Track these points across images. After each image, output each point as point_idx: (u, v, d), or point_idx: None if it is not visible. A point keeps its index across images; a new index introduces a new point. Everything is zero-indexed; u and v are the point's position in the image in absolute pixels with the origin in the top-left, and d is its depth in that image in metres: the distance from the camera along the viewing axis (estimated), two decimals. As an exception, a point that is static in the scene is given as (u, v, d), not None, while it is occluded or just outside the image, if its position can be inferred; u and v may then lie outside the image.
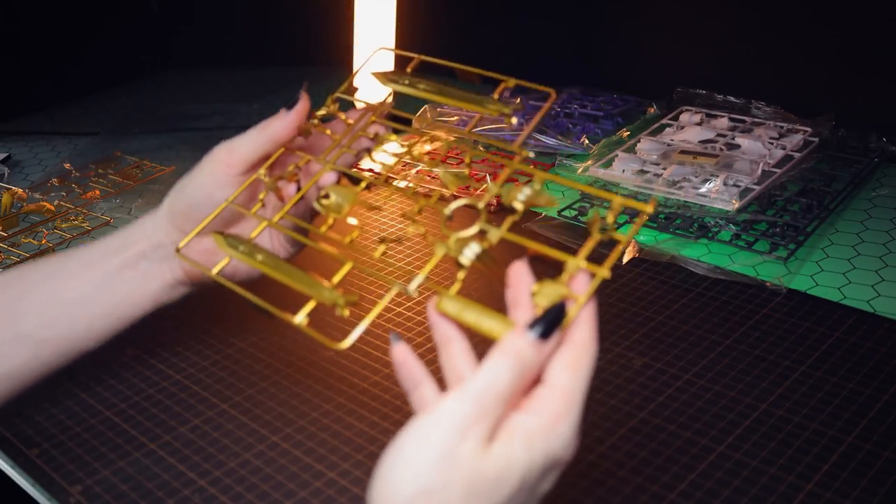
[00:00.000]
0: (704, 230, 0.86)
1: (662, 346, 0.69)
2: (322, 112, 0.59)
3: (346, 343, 0.44)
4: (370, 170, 0.57)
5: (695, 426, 0.60)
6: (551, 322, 0.39)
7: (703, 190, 0.90)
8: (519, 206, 0.44)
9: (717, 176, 0.91)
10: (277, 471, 0.58)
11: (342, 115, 0.59)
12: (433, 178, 0.95)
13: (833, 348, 0.68)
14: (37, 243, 0.89)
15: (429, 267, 0.45)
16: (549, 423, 0.38)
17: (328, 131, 0.59)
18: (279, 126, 0.58)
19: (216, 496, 0.56)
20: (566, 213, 0.91)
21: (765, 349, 0.68)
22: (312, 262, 0.72)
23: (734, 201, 0.87)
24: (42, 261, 0.61)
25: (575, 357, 0.39)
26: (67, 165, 1.09)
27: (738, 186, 0.90)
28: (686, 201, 0.90)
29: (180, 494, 0.56)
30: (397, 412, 0.63)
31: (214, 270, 0.54)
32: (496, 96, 0.50)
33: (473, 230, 0.45)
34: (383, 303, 0.44)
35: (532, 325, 0.39)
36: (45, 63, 1.30)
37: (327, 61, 1.39)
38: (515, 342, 0.39)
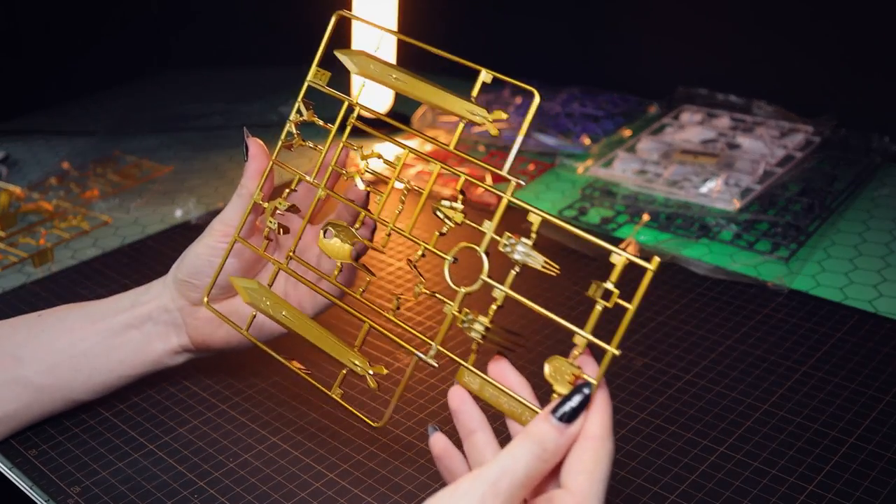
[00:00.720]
0: (705, 230, 0.85)
1: (663, 347, 0.69)
2: (294, 120, 0.58)
3: (382, 422, 0.48)
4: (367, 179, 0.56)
5: (695, 427, 0.60)
6: (575, 407, 0.39)
7: (703, 190, 0.90)
8: (519, 259, 0.44)
9: (718, 175, 0.91)
10: (277, 471, 0.58)
11: (318, 121, 0.58)
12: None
13: (835, 349, 0.68)
14: (35, 243, 0.89)
15: (441, 336, 0.46)
16: None
17: (310, 144, 0.58)
18: (248, 182, 0.59)
19: (216, 496, 0.56)
20: (567, 213, 0.91)
21: (766, 350, 0.68)
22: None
23: (735, 201, 0.87)
24: (50, 310, 0.62)
25: (591, 458, 0.39)
26: (66, 165, 1.09)
27: (740, 186, 0.90)
28: (687, 201, 0.89)
29: (179, 495, 0.56)
30: (397, 412, 0.62)
31: (245, 327, 0.56)
32: (475, 94, 0.49)
33: (477, 285, 0.45)
34: (405, 379, 0.46)
35: (555, 409, 0.39)
36: (44, 63, 1.30)
37: (327, 61, 1.39)
38: (539, 427, 0.39)
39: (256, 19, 1.45)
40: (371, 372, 0.49)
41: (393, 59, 1.14)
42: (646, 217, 0.87)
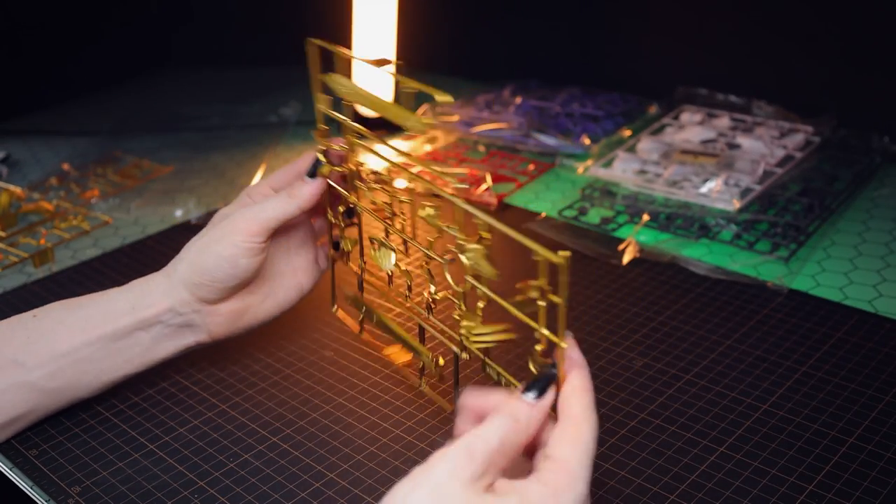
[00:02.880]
0: (705, 230, 0.85)
1: (663, 347, 0.69)
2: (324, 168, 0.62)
3: (453, 407, 0.56)
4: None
5: (695, 427, 0.60)
6: (542, 385, 0.43)
7: (703, 190, 0.90)
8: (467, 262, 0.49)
9: (718, 175, 0.91)
10: (277, 471, 0.58)
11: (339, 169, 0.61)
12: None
13: (835, 349, 0.68)
14: (35, 243, 0.89)
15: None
16: (552, 492, 0.39)
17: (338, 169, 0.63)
18: (307, 193, 0.60)
19: (216, 496, 0.56)
20: (567, 213, 0.91)
21: (766, 350, 0.68)
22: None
23: (735, 201, 0.87)
24: (45, 310, 0.61)
25: (574, 431, 0.42)
26: (66, 165, 1.09)
27: (739, 186, 0.90)
28: (687, 201, 0.89)
29: (179, 495, 0.56)
30: (397, 412, 0.62)
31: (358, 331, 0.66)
32: (421, 114, 0.53)
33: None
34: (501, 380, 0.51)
35: (526, 388, 0.43)
36: (44, 62, 1.30)
37: (327, 61, 1.39)
38: (511, 402, 0.43)
39: (256, 19, 1.45)
40: (441, 362, 0.57)
41: (394, 59, 1.14)
42: (646, 217, 0.87)
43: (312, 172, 0.61)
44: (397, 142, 1.13)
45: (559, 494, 0.39)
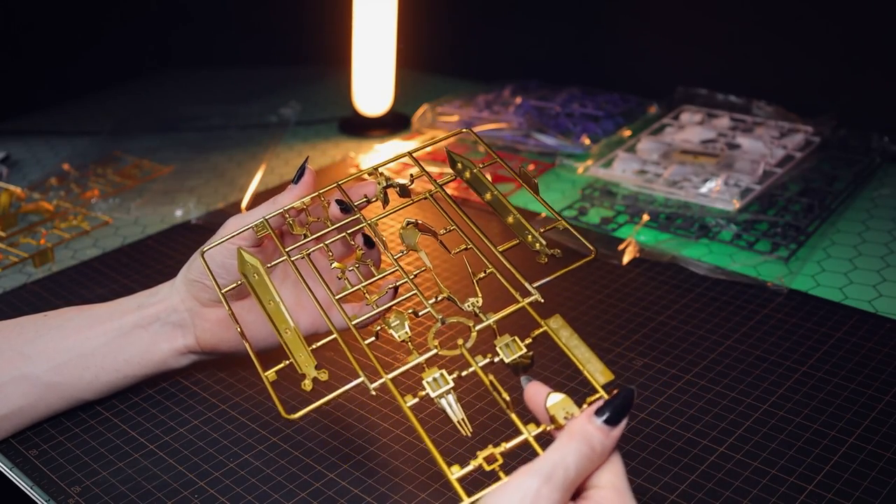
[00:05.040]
0: (705, 230, 0.85)
1: (663, 347, 0.69)
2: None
3: (293, 416, 0.47)
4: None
5: (695, 427, 0.60)
6: (619, 408, 0.40)
7: (703, 190, 0.90)
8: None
9: (718, 176, 0.91)
10: (277, 471, 0.58)
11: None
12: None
13: (834, 349, 0.68)
14: (35, 243, 0.89)
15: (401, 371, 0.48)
16: None
17: (366, 176, 0.60)
18: (287, 200, 0.59)
19: (216, 496, 0.56)
20: (567, 213, 0.91)
21: (766, 350, 0.68)
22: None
23: (735, 201, 0.87)
24: (56, 311, 0.63)
25: (607, 462, 0.40)
26: (66, 165, 1.09)
27: (739, 186, 0.90)
28: (687, 201, 0.89)
29: (179, 495, 0.56)
30: (398, 412, 0.62)
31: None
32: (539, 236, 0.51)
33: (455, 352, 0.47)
34: (338, 393, 0.48)
35: (600, 410, 0.40)
36: (44, 63, 1.30)
37: (326, 61, 1.39)
38: (583, 427, 0.40)
39: (256, 19, 1.45)
40: (314, 375, 0.50)
41: (393, 60, 1.14)
42: (646, 217, 0.87)
43: (297, 178, 0.60)
44: (397, 142, 1.13)
45: None
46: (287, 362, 0.51)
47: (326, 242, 0.58)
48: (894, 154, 0.99)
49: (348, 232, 0.58)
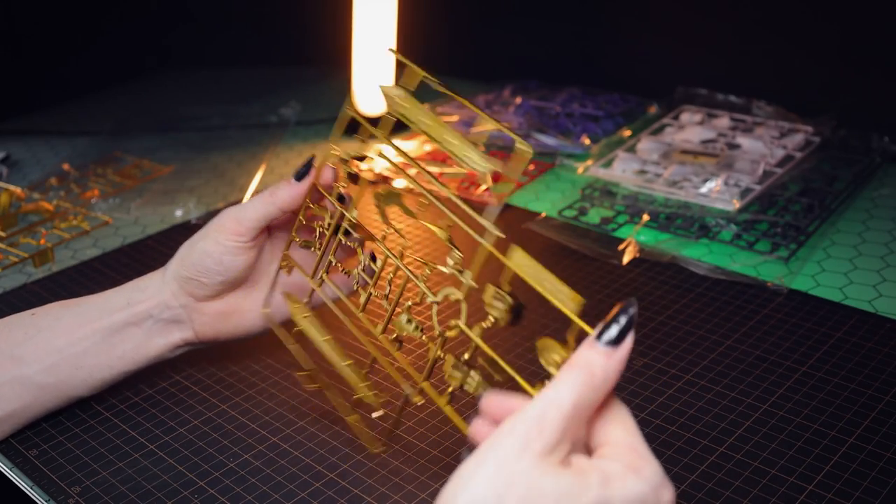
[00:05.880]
0: (705, 230, 0.85)
1: (663, 347, 0.69)
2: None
3: (381, 450, 0.56)
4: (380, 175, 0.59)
5: (695, 427, 0.60)
6: (622, 329, 0.37)
7: (703, 190, 0.90)
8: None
9: (718, 176, 0.91)
10: (277, 471, 0.58)
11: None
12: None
13: (834, 349, 0.68)
14: (35, 243, 0.89)
15: (426, 373, 0.50)
16: (634, 470, 0.35)
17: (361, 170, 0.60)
18: (286, 195, 0.59)
19: (216, 496, 0.56)
20: (566, 213, 0.91)
21: (766, 350, 0.68)
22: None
23: (735, 201, 0.87)
24: (43, 309, 0.62)
25: (615, 413, 0.37)
26: (66, 165, 1.09)
27: (739, 186, 0.90)
28: (687, 201, 0.89)
29: (179, 495, 0.56)
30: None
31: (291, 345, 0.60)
32: (481, 148, 0.50)
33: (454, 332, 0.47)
34: (398, 415, 0.52)
35: (600, 333, 0.37)
36: (44, 63, 1.30)
37: (326, 61, 1.39)
38: (584, 354, 0.37)
39: (256, 19, 1.45)
40: (381, 412, 0.55)
41: (393, 61, 1.14)
42: (646, 217, 0.87)
43: (300, 175, 0.60)
44: (400, 142, 1.13)
45: (640, 471, 0.35)
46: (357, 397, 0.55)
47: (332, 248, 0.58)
48: (894, 154, 0.99)
49: (344, 230, 0.57)
